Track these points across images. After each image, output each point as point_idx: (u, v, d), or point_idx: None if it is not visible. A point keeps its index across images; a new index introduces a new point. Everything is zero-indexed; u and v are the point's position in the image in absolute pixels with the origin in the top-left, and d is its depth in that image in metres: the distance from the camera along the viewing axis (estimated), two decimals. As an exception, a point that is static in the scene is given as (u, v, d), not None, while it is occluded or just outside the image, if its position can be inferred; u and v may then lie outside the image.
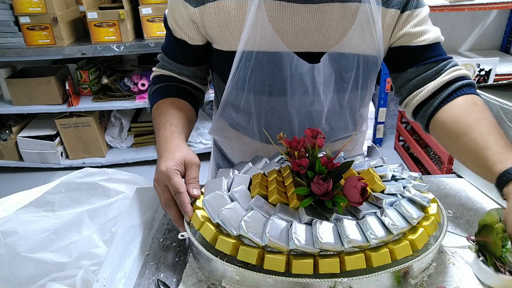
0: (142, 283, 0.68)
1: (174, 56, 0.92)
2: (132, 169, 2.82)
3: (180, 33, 0.85)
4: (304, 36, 0.81)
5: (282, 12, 0.79)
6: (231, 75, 0.84)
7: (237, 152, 1.03)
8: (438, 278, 0.68)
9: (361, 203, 0.65)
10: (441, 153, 2.18)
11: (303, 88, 0.84)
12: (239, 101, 0.87)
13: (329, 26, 0.81)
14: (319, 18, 0.80)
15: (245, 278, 0.62)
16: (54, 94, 2.63)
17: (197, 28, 0.83)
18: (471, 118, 0.76)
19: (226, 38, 0.81)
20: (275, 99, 0.86)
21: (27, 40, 2.45)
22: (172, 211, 0.71)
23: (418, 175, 0.79)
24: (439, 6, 2.42)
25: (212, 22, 0.80)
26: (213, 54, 0.88)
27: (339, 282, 0.59)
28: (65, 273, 1.13)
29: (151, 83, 0.96)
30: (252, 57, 0.80)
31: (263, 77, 0.83)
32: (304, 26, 0.80)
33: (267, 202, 0.68)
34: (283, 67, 0.81)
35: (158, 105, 0.89)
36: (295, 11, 0.79)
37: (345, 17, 0.81)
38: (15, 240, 1.10)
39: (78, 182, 1.24)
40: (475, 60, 2.31)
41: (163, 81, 0.93)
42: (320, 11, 0.79)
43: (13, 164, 2.79)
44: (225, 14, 0.79)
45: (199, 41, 0.86)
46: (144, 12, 2.45)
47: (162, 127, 0.83)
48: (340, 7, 0.80)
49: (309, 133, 0.72)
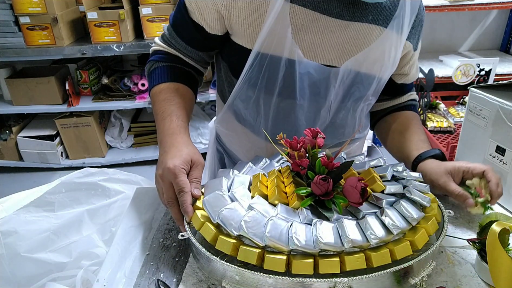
0: (142, 283, 0.68)
1: (185, 36, 0.88)
2: (132, 169, 2.82)
3: (199, 18, 0.82)
4: (330, 50, 0.81)
5: (313, 22, 0.78)
6: (244, 72, 0.83)
7: (241, 147, 1.02)
8: (438, 278, 0.68)
9: (361, 203, 0.65)
10: (441, 153, 2.18)
11: (314, 96, 0.85)
12: (249, 97, 0.87)
13: (354, 44, 0.81)
14: (347, 35, 0.80)
15: (245, 278, 0.62)
16: (54, 94, 2.63)
17: (221, 19, 0.81)
18: (410, 125, 0.98)
19: (247, 34, 0.80)
20: (284, 102, 0.86)
21: (27, 40, 2.45)
22: (174, 210, 0.71)
23: (418, 174, 0.79)
24: (439, 6, 2.42)
25: (238, 16, 0.78)
26: (229, 46, 0.86)
27: (339, 282, 0.59)
28: (65, 273, 1.13)
29: (154, 58, 0.91)
30: (267, 59, 0.80)
31: (275, 79, 0.83)
32: (332, 40, 0.80)
33: (267, 202, 0.68)
34: (295, 73, 0.81)
35: (162, 88, 0.87)
36: (326, 24, 0.79)
37: (371, 39, 0.82)
38: (15, 240, 1.10)
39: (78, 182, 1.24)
40: (475, 60, 2.30)
41: (168, 60, 0.90)
42: (349, 28, 0.80)
43: (13, 164, 2.79)
44: (251, 10, 0.77)
45: (218, 31, 0.84)
46: (144, 12, 2.45)
47: (167, 117, 0.81)
48: (368, 28, 0.81)
49: (309, 133, 0.72)
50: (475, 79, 2.32)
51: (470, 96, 0.95)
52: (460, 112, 2.53)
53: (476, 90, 0.93)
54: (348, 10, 0.78)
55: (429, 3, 2.44)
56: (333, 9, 0.78)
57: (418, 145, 0.92)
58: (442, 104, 2.60)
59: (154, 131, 2.93)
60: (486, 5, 2.43)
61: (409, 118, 1.01)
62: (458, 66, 2.28)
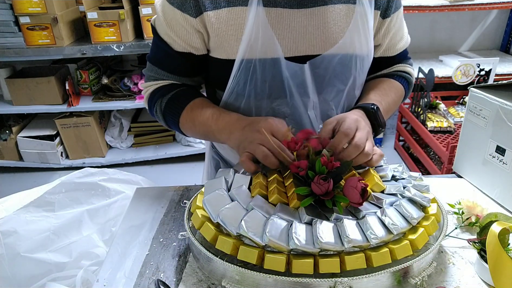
0: (142, 283, 0.68)
1: (174, 70, 0.89)
2: (132, 169, 2.82)
3: (184, 46, 0.84)
4: (302, 41, 0.81)
5: (279, 18, 0.79)
6: (231, 79, 0.84)
7: (235, 153, 1.02)
8: (438, 278, 0.68)
9: (361, 204, 0.65)
10: (441, 153, 2.18)
11: (301, 90, 0.85)
12: (239, 102, 0.87)
13: (324, 29, 0.81)
14: (315, 22, 0.81)
15: (245, 278, 0.62)
16: (54, 94, 2.63)
17: (202, 37, 0.82)
18: (382, 84, 0.94)
19: (224, 46, 0.81)
20: (274, 102, 0.86)
21: (27, 40, 2.45)
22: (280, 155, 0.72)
23: (418, 175, 0.79)
24: (439, 6, 2.42)
25: (212, 30, 0.80)
26: (210, 64, 0.87)
27: (339, 282, 0.59)
28: (65, 273, 1.13)
29: (155, 98, 0.90)
30: (252, 64, 0.81)
31: (262, 82, 0.83)
32: (301, 31, 0.81)
33: (267, 202, 0.68)
34: (282, 72, 0.82)
35: (188, 115, 0.87)
36: (291, 17, 0.79)
37: (339, 19, 0.82)
38: (15, 240, 1.10)
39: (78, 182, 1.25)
40: (475, 60, 2.31)
41: (169, 90, 0.90)
42: (315, 14, 0.80)
43: (13, 164, 2.79)
44: (223, 23, 0.79)
45: (204, 50, 0.85)
46: (144, 12, 2.45)
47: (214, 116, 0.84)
48: (334, 9, 0.81)
49: (302, 136, 0.72)
50: (475, 79, 2.32)
51: (470, 96, 0.95)
52: (460, 112, 2.54)
53: (476, 90, 0.93)
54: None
55: (429, 3, 2.44)
56: (293, 0, 0.79)
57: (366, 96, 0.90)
58: (442, 104, 2.60)
59: (154, 131, 2.93)
60: (486, 5, 2.43)
61: (383, 80, 0.96)
62: (458, 66, 2.28)
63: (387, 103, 0.90)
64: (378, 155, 0.77)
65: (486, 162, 0.92)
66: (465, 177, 1.00)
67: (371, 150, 0.75)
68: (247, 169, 0.74)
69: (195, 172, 2.75)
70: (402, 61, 1.00)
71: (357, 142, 0.73)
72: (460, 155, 1.02)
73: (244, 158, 0.74)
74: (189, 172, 2.76)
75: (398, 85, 0.97)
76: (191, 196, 0.90)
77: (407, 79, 0.99)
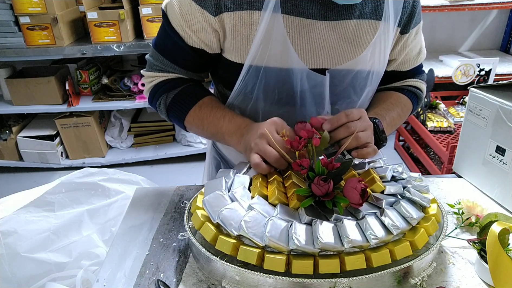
0: (142, 283, 0.68)
1: (181, 62, 0.86)
2: (132, 169, 2.82)
3: (198, 42, 0.81)
4: (320, 53, 0.80)
5: (299, 28, 0.78)
6: (239, 81, 0.83)
7: (237, 153, 1.02)
8: (438, 278, 0.68)
9: (361, 205, 0.65)
10: (441, 153, 2.18)
11: (313, 100, 0.85)
12: (246, 104, 0.87)
13: (344, 44, 0.81)
14: (336, 35, 0.80)
15: (245, 278, 0.62)
16: (54, 94, 2.63)
17: (218, 37, 0.80)
18: (389, 98, 0.94)
19: (239, 50, 0.79)
20: (282, 108, 0.86)
21: (27, 40, 2.45)
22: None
23: (418, 175, 0.79)
24: (439, 6, 2.42)
25: (230, 32, 0.78)
26: (221, 63, 0.86)
27: (339, 282, 0.59)
28: (65, 273, 1.13)
29: (160, 91, 0.88)
30: (261, 72, 0.80)
31: (272, 89, 0.83)
32: (321, 43, 0.80)
33: (267, 202, 0.68)
34: (294, 81, 0.81)
35: (196, 113, 0.86)
36: (313, 28, 0.78)
37: (361, 34, 0.81)
38: (15, 240, 1.10)
39: (78, 182, 1.25)
40: (475, 60, 2.31)
41: (176, 85, 0.88)
42: (337, 28, 0.79)
43: (13, 164, 2.79)
44: (242, 26, 0.77)
45: (218, 49, 0.83)
46: (144, 12, 2.45)
47: (226, 117, 0.83)
48: (358, 24, 0.80)
49: (305, 134, 0.73)
50: (475, 79, 2.32)
51: (470, 96, 0.95)
52: (460, 112, 2.54)
53: (476, 90, 0.93)
54: (332, 11, 0.78)
55: (429, 3, 2.44)
56: (317, 12, 0.77)
57: (372, 109, 0.89)
58: (442, 104, 2.60)
59: (154, 131, 2.93)
60: (486, 5, 2.43)
61: (391, 94, 0.95)
62: (458, 66, 2.28)
63: (391, 118, 0.89)
64: (372, 149, 0.76)
65: (486, 162, 0.92)
66: (465, 177, 1.00)
67: (366, 138, 0.74)
68: (261, 170, 0.73)
69: (195, 172, 2.76)
70: (415, 75, 0.99)
71: (350, 125, 0.73)
72: (460, 155, 1.02)
73: (258, 161, 0.73)
74: (189, 172, 2.77)
75: (406, 100, 0.96)
76: (191, 196, 0.90)
77: (417, 94, 0.98)
